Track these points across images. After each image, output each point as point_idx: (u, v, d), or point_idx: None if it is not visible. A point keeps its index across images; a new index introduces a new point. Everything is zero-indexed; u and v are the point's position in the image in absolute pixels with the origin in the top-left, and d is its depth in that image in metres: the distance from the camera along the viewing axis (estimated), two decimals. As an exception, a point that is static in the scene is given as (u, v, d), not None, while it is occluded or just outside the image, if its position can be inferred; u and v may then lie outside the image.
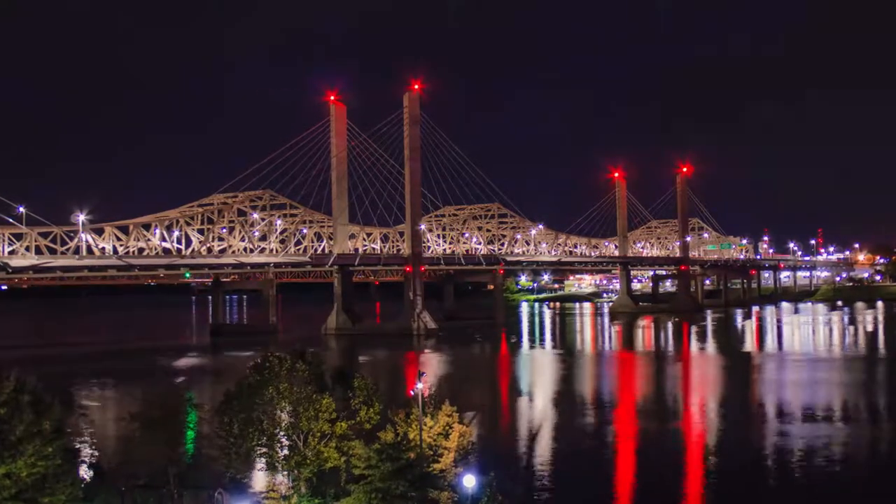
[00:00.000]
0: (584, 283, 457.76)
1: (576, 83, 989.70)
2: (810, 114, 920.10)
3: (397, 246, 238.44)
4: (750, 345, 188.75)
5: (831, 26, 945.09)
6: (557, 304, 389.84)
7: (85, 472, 54.19)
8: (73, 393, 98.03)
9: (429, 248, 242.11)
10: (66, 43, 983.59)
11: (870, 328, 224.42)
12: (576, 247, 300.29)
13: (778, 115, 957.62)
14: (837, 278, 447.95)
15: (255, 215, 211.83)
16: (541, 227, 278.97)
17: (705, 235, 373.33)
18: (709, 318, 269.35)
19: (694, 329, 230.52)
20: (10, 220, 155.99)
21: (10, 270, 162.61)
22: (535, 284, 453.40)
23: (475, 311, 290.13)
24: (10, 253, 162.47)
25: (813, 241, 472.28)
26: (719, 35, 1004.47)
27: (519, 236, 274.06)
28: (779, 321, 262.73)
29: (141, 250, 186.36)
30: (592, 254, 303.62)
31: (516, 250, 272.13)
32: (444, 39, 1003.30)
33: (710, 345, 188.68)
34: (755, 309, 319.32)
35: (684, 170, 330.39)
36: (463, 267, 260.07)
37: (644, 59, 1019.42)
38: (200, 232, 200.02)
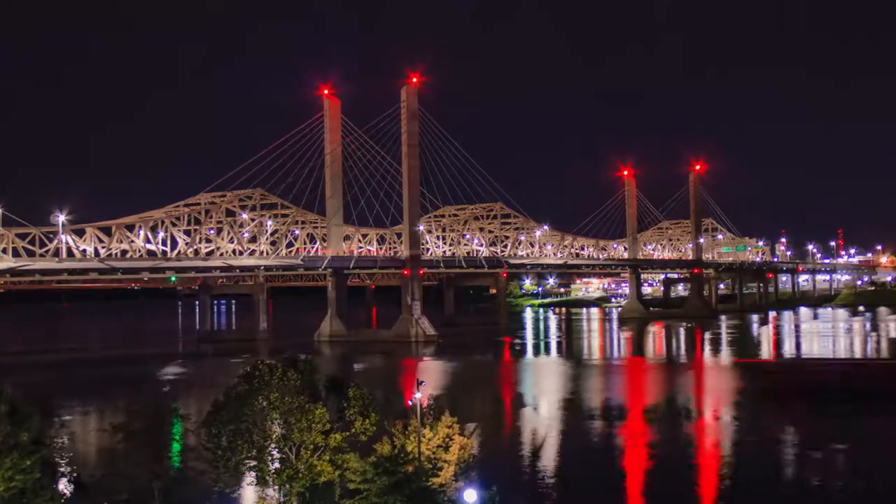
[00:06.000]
0: (592, 286, 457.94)
1: (580, 78, 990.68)
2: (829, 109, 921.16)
3: (394, 248, 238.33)
4: (767, 353, 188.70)
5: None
6: (563, 309, 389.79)
7: (65, 487, 54.09)
8: (53, 403, 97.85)
9: (428, 250, 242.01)
10: (48, 35, 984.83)
11: (893, 335, 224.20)
12: (583, 249, 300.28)
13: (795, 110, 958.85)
14: (859, 282, 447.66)
15: (245, 215, 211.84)
16: (546, 227, 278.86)
17: (719, 237, 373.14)
18: (723, 325, 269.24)
19: (707, 336, 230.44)
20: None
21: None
22: (540, 288, 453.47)
23: (477, 316, 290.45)
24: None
25: (833, 243, 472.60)
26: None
27: (523, 238, 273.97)
28: (797, 327, 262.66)
29: (124, 252, 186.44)
30: (600, 256, 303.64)
31: (520, 252, 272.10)
32: (444, 31, 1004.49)
33: (725, 353, 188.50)
34: (772, 314, 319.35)
35: (697, 168, 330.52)
36: (464, 270, 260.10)
37: (650, 52, 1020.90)
38: (187, 233, 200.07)
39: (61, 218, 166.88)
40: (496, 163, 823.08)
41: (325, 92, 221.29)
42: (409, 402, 56.11)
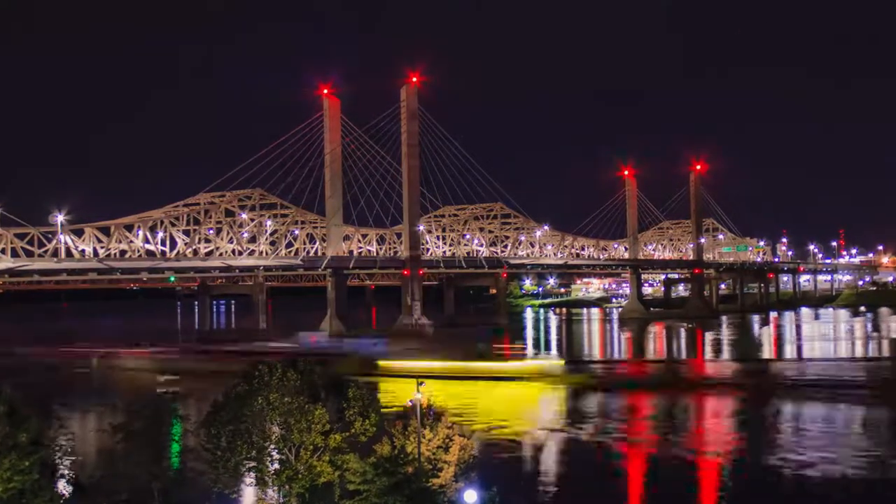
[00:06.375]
0: (593, 287, 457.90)
1: (580, 78, 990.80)
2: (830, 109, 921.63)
3: (394, 248, 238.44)
4: (768, 353, 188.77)
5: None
6: (564, 309, 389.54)
7: (64, 488, 54.09)
8: (52, 403, 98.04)
9: (428, 250, 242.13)
10: (47, 35, 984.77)
11: (894, 335, 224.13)
12: (583, 249, 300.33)
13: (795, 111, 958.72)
14: (860, 282, 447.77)
15: (244, 215, 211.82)
16: (546, 227, 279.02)
17: (720, 237, 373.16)
18: (724, 325, 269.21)
19: (709, 336, 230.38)
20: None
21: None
22: (541, 289, 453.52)
23: (477, 316, 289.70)
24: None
25: (834, 243, 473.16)
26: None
27: (523, 238, 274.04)
28: (798, 328, 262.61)
29: (123, 252, 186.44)
30: (601, 256, 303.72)
31: (520, 252, 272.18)
32: (444, 31, 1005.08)
33: (726, 353, 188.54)
34: (773, 315, 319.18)
35: (698, 167, 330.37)
36: (464, 270, 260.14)
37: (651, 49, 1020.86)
38: (186, 233, 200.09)
39: (60, 218, 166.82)
40: (496, 163, 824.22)
41: (325, 91, 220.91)
42: (409, 403, 56.11)
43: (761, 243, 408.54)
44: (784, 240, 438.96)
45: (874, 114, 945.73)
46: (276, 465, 52.10)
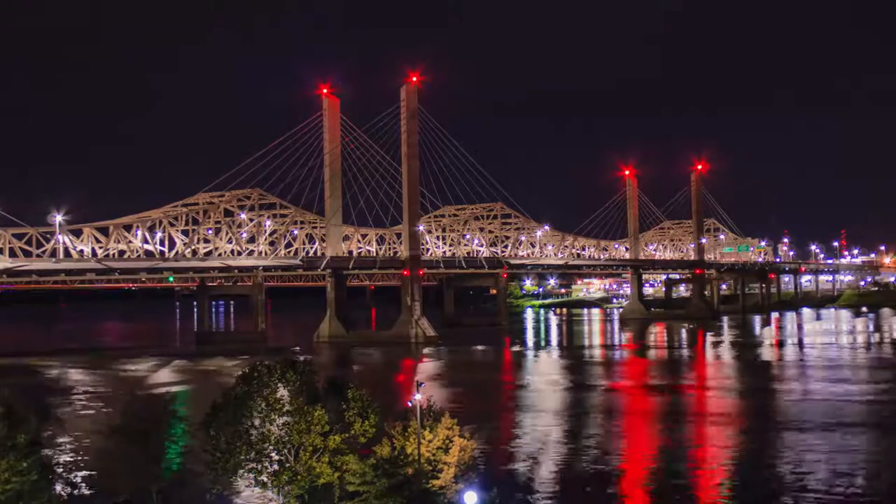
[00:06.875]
0: (593, 287, 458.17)
1: (580, 78, 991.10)
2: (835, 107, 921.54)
3: (394, 248, 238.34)
4: (769, 354, 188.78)
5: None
6: (564, 309, 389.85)
7: (62, 489, 54.11)
8: (50, 404, 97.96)
9: (427, 250, 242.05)
10: (47, 35, 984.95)
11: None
12: (584, 249, 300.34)
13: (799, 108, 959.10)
14: (862, 283, 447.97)
15: (243, 215, 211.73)
16: (546, 228, 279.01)
17: (721, 237, 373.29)
18: (725, 325, 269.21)
19: (709, 336, 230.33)
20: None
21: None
22: (541, 289, 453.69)
23: (477, 317, 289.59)
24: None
25: (836, 243, 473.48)
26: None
27: (523, 238, 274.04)
28: (800, 328, 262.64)
29: (122, 253, 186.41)
30: (601, 256, 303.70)
31: (520, 253, 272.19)
32: (444, 31, 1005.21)
33: (727, 354, 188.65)
34: (774, 315, 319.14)
35: (699, 167, 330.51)
36: (464, 270, 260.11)
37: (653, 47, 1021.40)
38: (185, 233, 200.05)
39: (58, 218, 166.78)
40: (496, 163, 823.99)
41: (325, 91, 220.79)
42: (409, 404, 56.09)
43: (763, 243, 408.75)
44: (785, 240, 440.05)
45: (877, 113, 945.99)
46: (276, 467, 52.06)
